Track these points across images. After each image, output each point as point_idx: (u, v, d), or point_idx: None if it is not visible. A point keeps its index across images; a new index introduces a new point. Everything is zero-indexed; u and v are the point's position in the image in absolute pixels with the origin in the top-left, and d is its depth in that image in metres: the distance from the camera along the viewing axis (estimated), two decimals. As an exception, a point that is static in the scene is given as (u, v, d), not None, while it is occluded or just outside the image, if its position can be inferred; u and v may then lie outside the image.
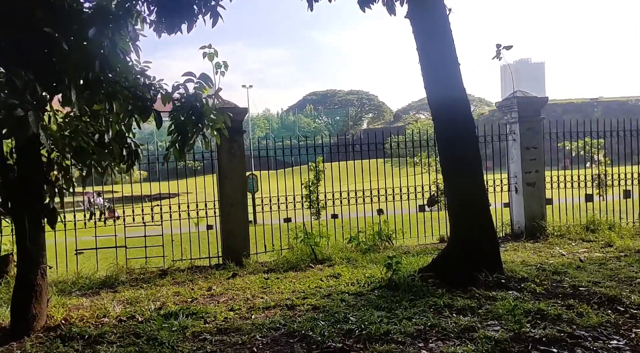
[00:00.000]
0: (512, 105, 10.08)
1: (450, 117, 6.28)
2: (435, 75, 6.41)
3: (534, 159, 10.01)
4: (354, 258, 8.14)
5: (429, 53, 6.41)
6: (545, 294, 5.42)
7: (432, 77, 6.40)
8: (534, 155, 10.00)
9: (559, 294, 5.40)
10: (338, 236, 9.79)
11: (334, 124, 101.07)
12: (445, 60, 6.35)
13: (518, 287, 5.66)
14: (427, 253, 8.42)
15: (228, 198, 8.76)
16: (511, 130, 10.20)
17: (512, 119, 10.14)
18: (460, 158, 6.32)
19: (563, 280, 5.98)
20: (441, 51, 6.35)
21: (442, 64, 6.35)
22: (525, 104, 9.99)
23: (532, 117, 10.03)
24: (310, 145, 10.04)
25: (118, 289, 6.88)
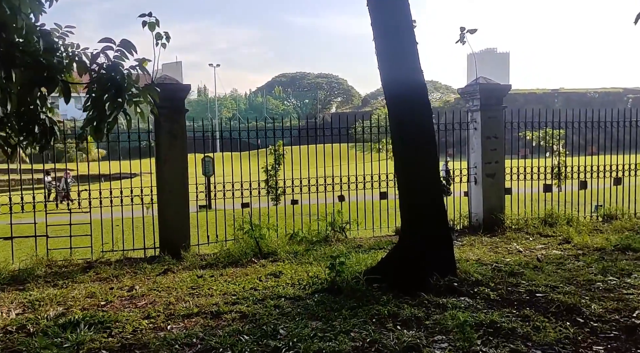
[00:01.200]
0: (474, 92, 9.59)
1: (405, 100, 5.67)
2: (390, 53, 5.77)
3: (494, 149, 9.58)
4: (302, 253, 7.53)
5: (384, 29, 5.76)
6: (499, 301, 4.93)
7: (386, 54, 5.76)
8: (494, 145, 9.58)
9: (514, 301, 4.93)
10: (296, 223, 9.19)
11: (303, 107, 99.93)
12: (401, 38, 5.71)
13: (471, 292, 5.16)
14: (379, 247, 7.89)
15: (166, 184, 7.96)
16: (472, 119, 9.74)
17: (474, 107, 9.66)
18: (414, 144, 5.74)
19: (519, 283, 5.52)
20: (397, 27, 5.70)
21: (397, 41, 5.71)
22: (487, 91, 9.51)
23: (495, 106, 9.57)
24: (277, 128, 9.27)
25: (27, 287, 6.05)
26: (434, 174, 5.77)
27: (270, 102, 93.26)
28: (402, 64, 5.76)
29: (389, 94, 5.87)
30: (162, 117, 7.89)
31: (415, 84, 5.73)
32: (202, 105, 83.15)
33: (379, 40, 5.80)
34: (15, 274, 6.57)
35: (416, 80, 5.73)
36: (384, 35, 5.80)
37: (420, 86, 5.83)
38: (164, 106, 7.85)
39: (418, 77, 5.76)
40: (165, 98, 7.95)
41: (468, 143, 9.91)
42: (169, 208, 7.94)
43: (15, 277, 6.48)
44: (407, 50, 5.75)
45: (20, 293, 5.69)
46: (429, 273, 5.35)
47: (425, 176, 5.69)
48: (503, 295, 5.12)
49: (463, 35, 8.76)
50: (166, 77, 8.00)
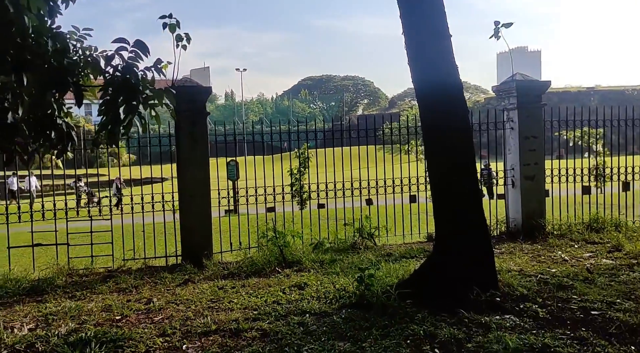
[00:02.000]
0: (510, 90, 9.00)
1: (439, 98, 5.20)
2: (421, 48, 5.32)
3: (533, 150, 8.97)
4: (328, 261, 7.11)
5: (415, 19, 5.32)
6: (550, 320, 4.41)
7: (417, 50, 5.31)
8: (533, 146, 8.96)
9: (567, 320, 4.40)
10: (322, 228, 8.80)
11: (329, 110, 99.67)
12: (433, 30, 5.25)
13: (516, 309, 4.65)
14: (411, 256, 7.41)
15: (188, 189, 7.68)
16: (509, 118, 9.14)
17: (510, 105, 9.07)
18: (450, 147, 5.26)
19: (570, 298, 4.98)
20: (429, 18, 5.25)
21: (429, 34, 5.26)
22: (525, 88, 8.91)
23: (533, 103, 8.96)
24: (301, 131, 8.94)
25: (45, 298, 5.83)
26: (471, 178, 5.28)
27: (297, 105, 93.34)
28: (437, 67, 5.30)
29: (422, 96, 5.41)
30: (183, 121, 7.63)
31: (451, 86, 5.27)
32: (229, 109, 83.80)
33: (411, 42, 5.36)
34: (35, 284, 6.37)
35: (452, 82, 5.26)
36: (416, 36, 5.36)
37: (457, 87, 5.35)
38: (184, 109, 7.60)
39: (454, 79, 5.30)
40: (185, 101, 7.72)
41: (504, 143, 9.33)
42: (190, 214, 7.66)
43: (34, 287, 6.28)
44: (441, 51, 5.30)
45: (37, 306, 5.46)
46: (468, 287, 4.86)
47: (462, 180, 5.20)
48: (553, 312, 4.59)
49: (497, 29, 8.19)
50: (187, 80, 7.73)
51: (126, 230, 8.11)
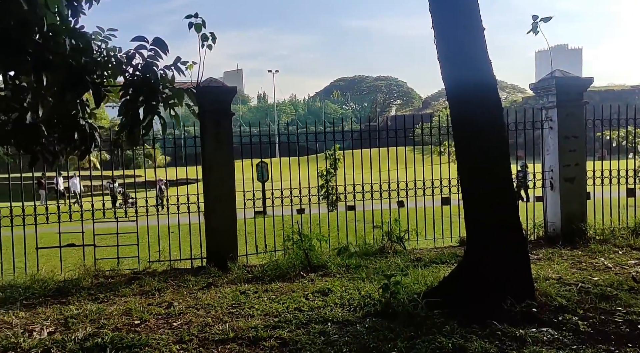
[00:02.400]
0: (549, 87, 8.54)
1: (471, 96, 4.90)
2: (452, 43, 5.03)
3: (573, 151, 8.48)
4: (355, 266, 6.88)
5: (445, 12, 5.04)
6: (592, 334, 4.06)
7: (448, 45, 5.02)
8: (574, 146, 8.48)
9: (610, 335, 4.03)
10: (351, 231, 8.59)
11: (361, 110, 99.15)
12: (465, 24, 4.96)
13: (555, 322, 4.31)
14: (442, 261, 7.10)
15: (212, 191, 7.59)
16: (547, 117, 8.68)
17: (549, 103, 8.61)
18: (483, 148, 4.95)
19: (614, 310, 4.59)
20: (461, 11, 4.96)
21: (461, 28, 4.97)
22: (565, 85, 8.44)
23: (573, 101, 8.48)
24: (331, 131, 8.76)
25: (69, 299, 5.82)
26: (505, 180, 4.95)
27: (329, 106, 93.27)
28: (469, 62, 5.01)
29: (453, 94, 5.11)
30: (208, 121, 7.55)
31: (484, 82, 4.96)
32: (262, 111, 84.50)
33: (442, 36, 5.08)
34: (61, 286, 6.40)
35: (485, 78, 4.95)
36: (447, 30, 5.08)
37: (490, 84, 5.04)
38: (209, 110, 7.53)
39: (487, 75, 4.99)
40: (210, 101, 7.64)
41: (542, 144, 8.87)
42: (215, 216, 7.57)
43: (60, 288, 6.30)
44: (474, 46, 5.00)
45: (60, 308, 5.45)
46: (502, 296, 4.55)
47: (495, 183, 4.88)
48: (596, 326, 4.23)
49: (536, 24, 7.77)
50: (212, 80, 7.65)
51: (153, 231, 8.09)
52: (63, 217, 7.26)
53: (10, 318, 5.06)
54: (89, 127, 4.71)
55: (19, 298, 5.87)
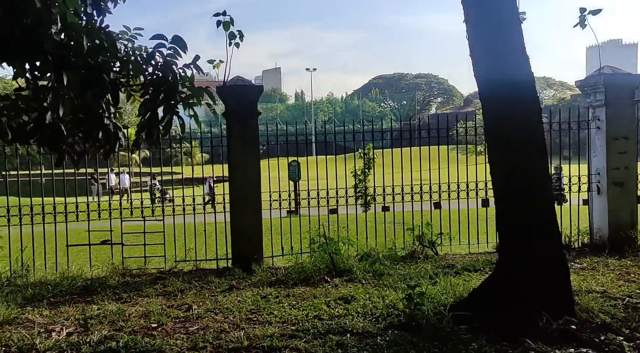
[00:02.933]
0: (596, 85, 7.97)
1: (506, 93, 4.54)
2: (486, 37, 4.69)
3: (623, 153, 7.89)
4: (382, 272, 6.60)
5: (478, 4, 4.70)
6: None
7: (481, 39, 4.69)
8: (623, 148, 7.88)
9: (660, 361, 3.63)
10: (380, 233, 8.33)
11: (400, 109, 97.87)
12: (500, 17, 4.61)
13: (596, 342, 3.92)
14: (475, 269, 6.73)
15: (239, 191, 7.49)
16: (595, 116, 8.11)
17: (597, 102, 8.04)
18: (519, 148, 4.58)
19: (666, 332, 4.15)
20: (495, 3, 4.63)
21: (496, 21, 4.62)
22: (614, 82, 7.84)
23: (624, 100, 7.88)
24: (367, 130, 8.53)
25: (94, 298, 5.83)
26: (543, 183, 4.56)
27: (367, 104, 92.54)
28: (504, 57, 4.66)
29: (486, 91, 4.76)
30: (234, 121, 7.45)
31: (521, 79, 4.59)
32: (299, 109, 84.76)
33: (474, 30, 4.76)
34: (88, 284, 6.44)
35: (522, 74, 4.59)
36: (480, 23, 4.75)
37: (527, 81, 4.66)
38: (235, 109, 7.42)
39: (524, 72, 4.62)
40: (236, 101, 7.53)
41: (589, 145, 8.30)
42: (240, 217, 7.46)
43: (86, 286, 6.34)
44: (510, 40, 4.65)
45: (83, 307, 5.46)
46: (537, 311, 4.18)
47: (532, 186, 4.51)
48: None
49: (583, 17, 7.25)
50: (238, 79, 7.53)
51: (181, 230, 8.07)
52: (93, 215, 7.33)
53: (34, 316, 5.09)
54: (113, 127, 4.64)
55: (47, 296, 5.94)
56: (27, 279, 6.66)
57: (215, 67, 7.45)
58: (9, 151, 6.68)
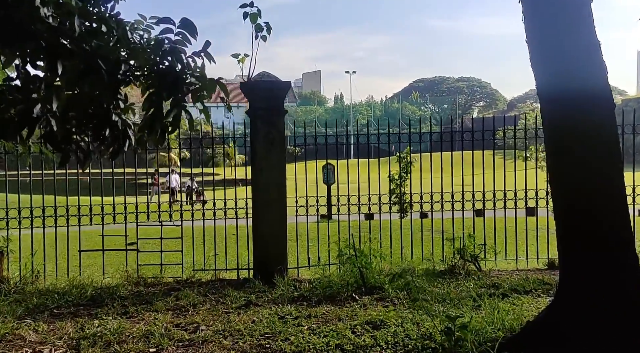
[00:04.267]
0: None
1: (576, 104, 3.74)
2: (553, 40, 3.90)
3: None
4: (418, 289, 5.86)
5: (544, 4, 3.94)
6: None
7: (547, 43, 3.90)
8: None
9: None
10: (418, 242, 7.60)
11: (441, 112, 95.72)
12: (572, 17, 3.83)
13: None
14: (525, 290, 5.89)
15: (262, 197, 6.90)
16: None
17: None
18: (587, 152, 3.78)
19: None
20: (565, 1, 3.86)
21: (567, 22, 3.83)
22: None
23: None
24: (406, 133, 7.93)
25: (99, 311, 5.36)
26: (617, 200, 3.74)
27: (407, 107, 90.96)
28: (575, 65, 3.86)
29: (552, 100, 3.97)
30: (258, 120, 6.88)
31: (595, 89, 3.79)
32: (338, 112, 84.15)
33: (539, 33, 3.99)
34: (97, 293, 6.00)
35: (597, 84, 3.78)
36: (547, 27, 3.97)
37: (603, 91, 3.85)
38: (260, 107, 6.86)
39: (600, 81, 3.81)
40: (261, 98, 6.94)
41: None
42: (263, 225, 6.87)
43: (95, 297, 5.89)
44: (583, 44, 3.85)
45: (84, 322, 4.99)
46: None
47: (604, 204, 3.69)
48: None
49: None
50: (264, 74, 6.96)
51: (204, 235, 7.56)
52: (107, 218, 6.92)
53: (28, 333, 4.64)
54: (121, 124, 4.11)
55: (51, 307, 5.52)
56: (37, 285, 6.30)
57: (240, 62, 6.92)
58: (20, 149, 6.34)
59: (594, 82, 3.78)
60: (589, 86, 3.77)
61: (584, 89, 3.71)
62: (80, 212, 6.80)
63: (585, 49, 3.76)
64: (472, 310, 5.10)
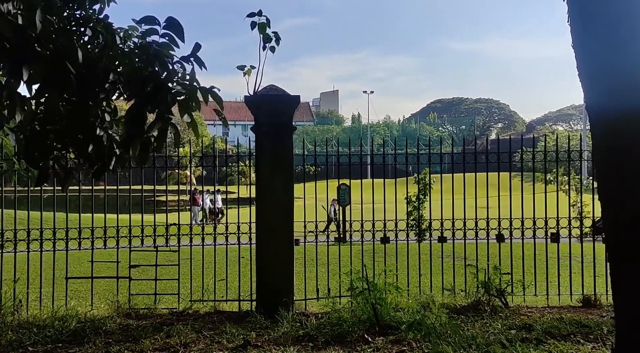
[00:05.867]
0: None
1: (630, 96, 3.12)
2: (608, 53, 3.31)
3: None
4: (439, 331, 5.15)
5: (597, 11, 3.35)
6: None
7: (602, 56, 3.31)
8: None
9: None
10: (446, 268, 6.95)
11: (459, 133, 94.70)
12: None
13: None
14: (561, 335, 5.15)
15: (266, 221, 6.32)
16: None
17: None
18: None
19: None
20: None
21: (629, 30, 3.25)
22: None
23: None
24: (423, 154, 7.37)
25: (78, 351, 4.77)
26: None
27: (424, 128, 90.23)
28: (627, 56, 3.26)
29: (607, 120, 3.36)
30: (264, 137, 6.35)
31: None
32: (356, 132, 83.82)
33: (589, 42, 3.41)
34: (80, 327, 5.41)
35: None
36: (602, 36, 3.38)
37: None
38: (266, 123, 6.33)
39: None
40: (267, 113, 6.37)
41: None
42: (267, 252, 6.26)
43: (77, 332, 5.30)
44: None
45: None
46: None
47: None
48: None
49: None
50: (271, 88, 6.43)
51: (203, 262, 6.97)
52: (97, 242, 6.38)
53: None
54: (107, 139, 3.57)
55: (26, 343, 4.95)
56: (19, 315, 5.76)
57: (246, 74, 6.45)
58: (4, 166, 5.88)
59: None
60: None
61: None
62: (68, 235, 6.27)
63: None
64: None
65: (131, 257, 6.41)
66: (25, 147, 3.40)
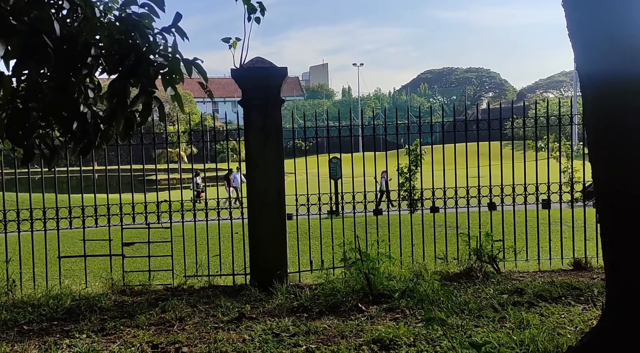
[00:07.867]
0: None
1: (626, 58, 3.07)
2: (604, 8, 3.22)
3: None
4: (432, 298, 5.21)
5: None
6: None
7: (594, 14, 3.22)
8: None
9: None
10: (430, 240, 7.01)
11: (450, 104, 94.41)
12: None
13: None
14: (552, 297, 5.22)
15: (257, 195, 6.29)
16: None
17: None
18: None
19: None
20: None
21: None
22: None
23: None
24: (413, 124, 7.31)
25: (72, 328, 4.78)
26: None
27: (415, 99, 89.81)
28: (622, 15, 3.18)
29: (594, 66, 3.29)
30: (252, 110, 6.25)
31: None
32: (346, 105, 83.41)
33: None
34: (75, 305, 5.42)
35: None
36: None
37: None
38: (254, 96, 6.23)
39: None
40: (255, 86, 6.28)
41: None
42: (260, 226, 6.25)
43: (72, 309, 5.31)
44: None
45: (52, 342, 4.42)
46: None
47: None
48: None
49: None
50: (258, 60, 6.30)
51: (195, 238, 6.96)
52: (88, 221, 6.34)
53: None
54: (91, 116, 3.48)
55: (21, 322, 4.95)
56: (12, 296, 5.75)
57: (232, 47, 6.31)
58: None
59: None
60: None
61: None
62: (59, 214, 6.22)
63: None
64: (495, 322, 4.47)
65: (123, 235, 6.38)
66: (8, 125, 3.31)
